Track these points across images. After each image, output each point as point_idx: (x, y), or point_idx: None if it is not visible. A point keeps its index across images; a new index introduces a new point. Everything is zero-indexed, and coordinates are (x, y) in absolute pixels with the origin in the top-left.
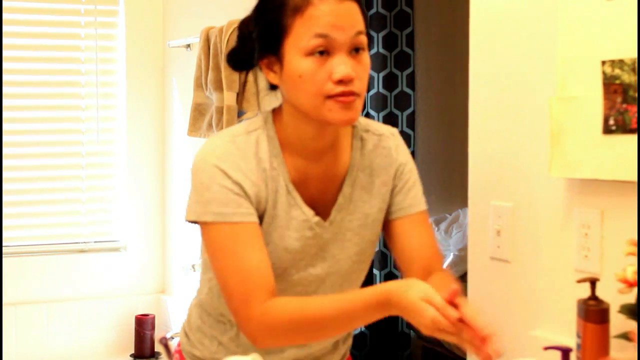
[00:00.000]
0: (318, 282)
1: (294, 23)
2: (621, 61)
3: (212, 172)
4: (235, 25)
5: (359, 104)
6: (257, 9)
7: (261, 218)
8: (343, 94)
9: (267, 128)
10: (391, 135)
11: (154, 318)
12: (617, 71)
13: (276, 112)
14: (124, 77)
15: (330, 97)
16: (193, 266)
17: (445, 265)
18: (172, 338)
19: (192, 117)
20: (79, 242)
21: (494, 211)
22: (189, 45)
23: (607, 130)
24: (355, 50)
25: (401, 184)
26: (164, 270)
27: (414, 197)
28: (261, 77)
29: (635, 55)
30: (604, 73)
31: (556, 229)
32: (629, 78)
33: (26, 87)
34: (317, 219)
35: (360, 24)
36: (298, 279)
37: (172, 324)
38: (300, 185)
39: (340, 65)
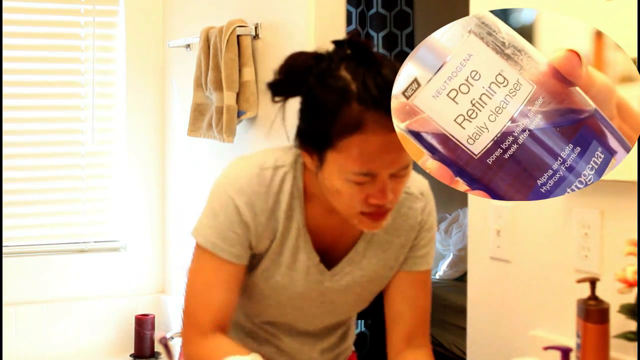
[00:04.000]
0: (308, 316)
1: (341, 143)
2: None
3: (226, 203)
4: (236, 25)
5: (389, 215)
6: (308, 97)
7: (265, 252)
8: (377, 212)
9: (296, 169)
10: (420, 196)
11: (154, 318)
12: None
13: None
14: (124, 77)
15: (363, 213)
16: None
17: (445, 265)
18: (172, 338)
19: (192, 117)
20: (79, 242)
21: (494, 211)
22: (189, 45)
23: None
24: (399, 175)
25: (416, 241)
26: (164, 270)
27: (422, 256)
28: (261, 77)
29: (636, 55)
30: None
31: (556, 229)
32: None
33: (26, 87)
34: (321, 266)
35: (409, 157)
36: (291, 310)
37: (172, 324)
38: (314, 230)
39: (381, 193)
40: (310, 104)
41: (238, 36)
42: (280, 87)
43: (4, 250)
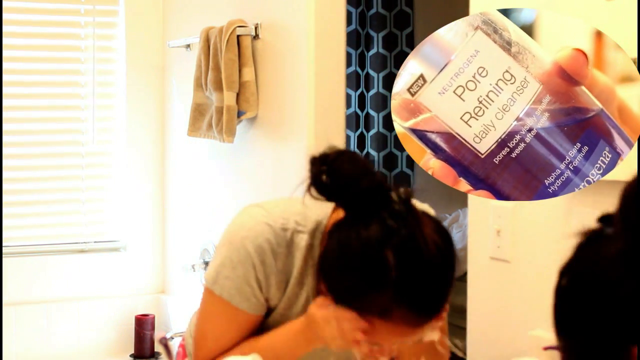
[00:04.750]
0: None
1: (362, 313)
2: None
3: (244, 258)
4: (236, 25)
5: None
6: (343, 258)
7: (270, 313)
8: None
9: (314, 237)
10: None
11: (154, 318)
12: None
13: (328, 225)
14: (124, 77)
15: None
16: (193, 266)
17: None
18: (172, 338)
19: (192, 117)
20: (78, 242)
21: (494, 211)
22: (189, 45)
23: None
24: None
25: None
26: (164, 270)
27: None
28: (261, 77)
29: (635, 55)
30: None
31: (556, 229)
32: None
33: (26, 87)
34: None
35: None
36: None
37: (172, 324)
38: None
39: (383, 352)
40: (344, 267)
41: (238, 36)
42: (324, 189)
43: (4, 250)
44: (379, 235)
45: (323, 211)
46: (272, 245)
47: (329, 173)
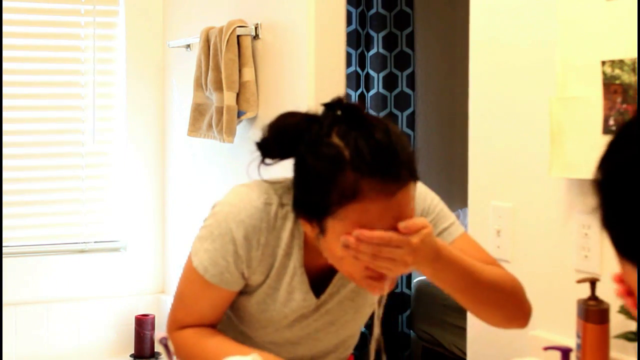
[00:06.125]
0: (309, 340)
1: (339, 211)
2: (621, 61)
3: (224, 232)
4: (236, 25)
5: (394, 278)
6: (302, 166)
7: (259, 285)
8: (380, 275)
9: None
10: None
11: (153, 318)
12: (617, 71)
13: None
14: (124, 77)
15: (367, 276)
16: None
17: None
18: None
19: (192, 117)
20: (79, 242)
21: (494, 211)
22: (189, 46)
23: (607, 130)
24: None
25: (434, 222)
26: (164, 270)
27: (448, 227)
28: (261, 77)
29: (635, 55)
30: (604, 73)
31: (556, 229)
32: (629, 78)
33: (26, 87)
34: (317, 303)
35: (410, 210)
36: (289, 335)
37: None
38: (311, 269)
39: None
40: (304, 174)
41: (238, 36)
42: (270, 149)
43: (4, 250)
44: (323, 139)
45: None
46: (254, 220)
47: (269, 134)
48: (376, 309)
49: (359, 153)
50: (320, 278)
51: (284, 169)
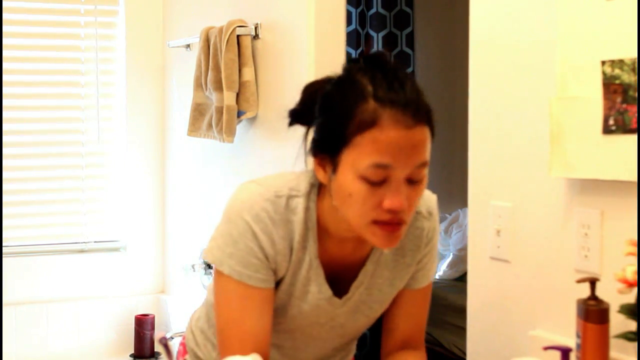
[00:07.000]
0: (317, 340)
1: (356, 139)
2: (621, 61)
3: (244, 229)
4: (236, 25)
5: (404, 230)
6: (325, 101)
7: (278, 282)
8: (391, 222)
9: (309, 199)
10: (428, 215)
11: (153, 318)
12: (617, 71)
13: (322, 188)
14: (124, 77)
15: (376, 222)
16: (193, 266)
17: (445, 265)
18: (172, 338)
19: (192, 117)
20: (78, 242)
21: (493, 211)
22: (189, 45)
23: (607, 130)
24: (414, 181)
25: (421, 260)
26: (164, 270)
27: (424, 276)
28: (261, 77)
29: (635, 55)
30: (603, 73)
31: (556, 229)
32: (629, 78)
33: (26, 87)
34: (334, 298)
35: (425, 154)
36: (299, 336)
37: (172, 324)
38: (326, 261)
39: (395, 196)
40: (327, 108)
41: (238, 36)
42: (301, 114)
43: (4, 250)
44: (348, 77)
45: (316, 177)
46: (268, 213)
47: (299, 104)
48: None
49: (382, 86)
50: (333, 274)
51: (284, 169)
